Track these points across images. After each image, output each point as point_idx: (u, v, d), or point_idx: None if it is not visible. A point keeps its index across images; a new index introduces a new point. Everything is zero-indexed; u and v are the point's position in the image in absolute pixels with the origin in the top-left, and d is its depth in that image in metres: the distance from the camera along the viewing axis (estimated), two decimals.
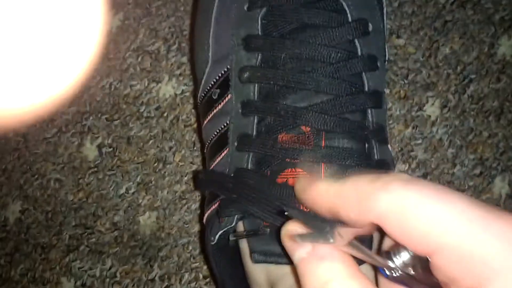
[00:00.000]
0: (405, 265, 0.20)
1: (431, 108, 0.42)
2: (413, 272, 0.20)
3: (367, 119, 0.30)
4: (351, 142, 0.30)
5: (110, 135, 0.42)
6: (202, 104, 0.35)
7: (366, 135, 0.30)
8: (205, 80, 0.34)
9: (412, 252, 0.20)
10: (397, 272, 0.20)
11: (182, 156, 0.42)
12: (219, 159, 0.32)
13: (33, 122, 0.41)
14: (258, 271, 0.30)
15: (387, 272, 0.20)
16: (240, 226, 0.30)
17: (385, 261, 0.20)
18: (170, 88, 0.42)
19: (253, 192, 0.29)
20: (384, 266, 0.20)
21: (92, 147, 0.42)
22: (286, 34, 0.31)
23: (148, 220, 0.42)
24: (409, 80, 0.42)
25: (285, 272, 0.29)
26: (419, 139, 0.42)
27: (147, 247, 0.41)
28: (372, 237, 0.27)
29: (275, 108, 0.30)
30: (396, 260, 0.20)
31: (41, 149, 0.42)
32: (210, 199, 0.32)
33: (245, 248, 0.30)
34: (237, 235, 0.30)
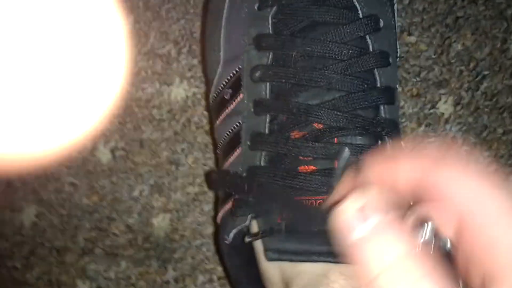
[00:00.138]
0: (427, 243, 0.20)
1: (444, 106, 0.42)
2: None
3: (380, 116, 0.30)
4: (364, 138, 0.29)
5: (123, 138, 0.42)
6: (214, 105, 0.35)
7: (379, 131, 0.30)
8: (217, 81, 0.34)
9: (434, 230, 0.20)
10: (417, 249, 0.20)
11: (195, 158, 0.42)
12: (232, 159, 0.32)
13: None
14: (272, 269, 0.30)
15: None
16: (254, 224, 0.30)
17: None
18: (181, 90, 0.42)
19: (267, 187, 0.29)
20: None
21: (105, 150, 0.42)
22: (297, 32, 0.31)
23: (162, 222, 0.42)
24: (421, 77, 0.42)
25: (299, 270, 0.28)
26: (432, 137, 0.41)
27: (161, 249, 0.41)
28: None
29: (287, 106, 0.30)
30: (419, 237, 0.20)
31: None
32: (223, 198, 0.32)
33: (259, 247, 0.30)
34: (252, 236, 0.30)
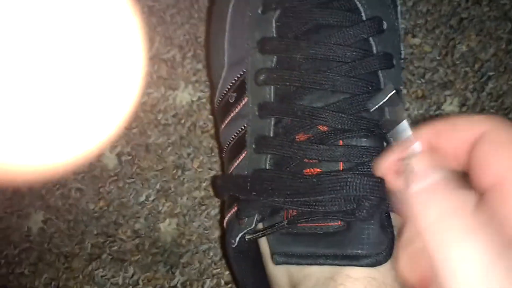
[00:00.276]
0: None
1: (449, 107, 0.42)
2: None
3: (385, 117, 0.30)
4: (369, 140, 0.29)
5: (129, 143, 0.42)
6: (219, 109, 0.35)
7: (384, 133, 0.30)
8: (222, 85, 0.34)
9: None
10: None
11: (201, 162, 0.42)
12: (237, 162, 0.32)
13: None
14: (280, 273, 0.30)
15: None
16: (259, 228, 0.30)
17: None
18: (186, 95, 0.43)
19: (271, 185, 0.29)
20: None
21: (112, 155, 0.42)
22: (300, 35, 0.31)
23: (169, 227, 0.42)
24: (426, 79, 0.42)
25: (306, 273, 0.28)
26: None
27: (168, 254, 0.41)
28: None
29: (292, 109, 0.30)
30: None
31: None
32: (229, 202, 0.32)
33: (266, 250, 0.30)
34: (253, 233, 0.30)
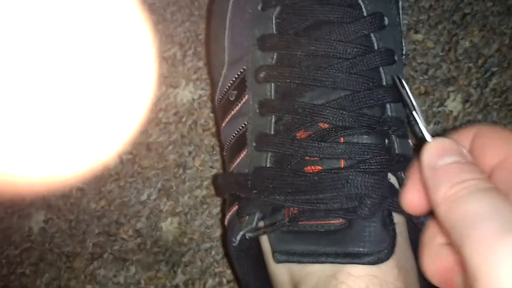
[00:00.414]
0: None
1: (452, 103, 0.41)
2: None
3: (386, 114, 0.30)
4: (371, 137, 0.29)
5: (130, 142, 0.42)
6: (219, 107, 0.35)
7: (386, 130, 0.29)
8: (222, 82, 0.34)
9: None
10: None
11: (202, 161, 0.42)
12: (238, 160, 0.32)
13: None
14: (281, 272, 0.30)
15: None
16: (261, 226, 0.30)
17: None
18: (187, 93, 0.42)
19: (272, 183, 0.29)
20: None
21: (113, 154, 0.42)
22: (301, 31, 0.31)
23: (170, 226, 0.41)
24: (429, 75, 0.41)
25: (308, 272, 0.28)
26: (441, 135, 0.41)
27: (170, 253, 0.41)
28: None
29: (292, 106, 0.30)
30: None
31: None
32: (230, 201, 0.32)
33: (267, 249, 0.30)
34: (253, 231, 0.29)
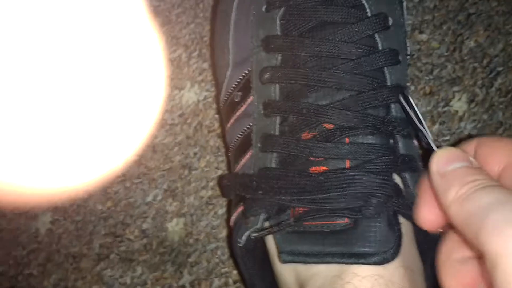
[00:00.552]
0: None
1: (458, 103, 0.41)
2: None
3: (391, 114, 0.30)
4: (375, 137, 0.29)
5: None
6: (224, 108, 0.35)
7: (391, 130, 0.29)
8: (227, 84, 0.34)
9: None
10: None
11: (207, 162, 0.42)
12: (243, 161, 0.32)
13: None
14: (287, 272, 0.30)
15: None
16: (266, 226, 0.30)
17: None
18: (192, 94, 0.43)
19: (278, 184, 0.29)
20: None
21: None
22: (305, 32, 0.31)
23: (176, 226, 0.42)
24: (434, 75, 0.41)
25: (314, 272, 0.28)
26: (447, 135, 0.41)
27: (176, 253, 0.41)
28: None
29: (297, 107, 0.30)
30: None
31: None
32: (236, 201, 0.32)
33: (273, 249, 0.30)
34: (259, 231, 0.30)
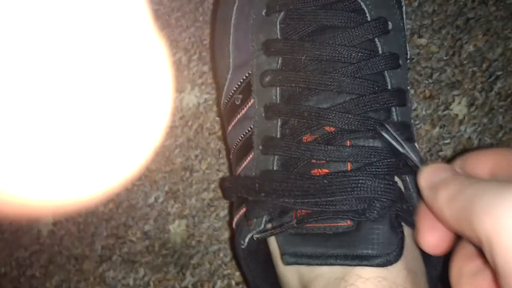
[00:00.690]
0: None
1: (457, 107, 0.41)
2: None
3: (392, 118, 0.30)
4: (377, 140, 0.29)
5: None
6: (225, 111, 0.35)
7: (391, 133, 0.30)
8: (227, 87, 0.34)
9: None
10: None
11: (208, 164, 0.42)
12: (245, 164, 0.32)
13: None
14: (290, 274, 0.30)
15: None
16: (268, 228, 0.30)
17: None
18: (193, 97, 0.43)
19: (281, 186, 0.29)
20: None
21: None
22: (305, 36, 0.31)
23: (178, 228, 0.42)
24: (434, 79, 0.42)
25: (317, 274, 0.28)
26: (447, 139, 0.41)
27: (179, 255, 0.42)
28: None
29: (298, 110, 0.30)
30: None
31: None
32: (238, 203, 0.32)
33: (275, 251, 0.30)
34: (261, 233, 0.30)
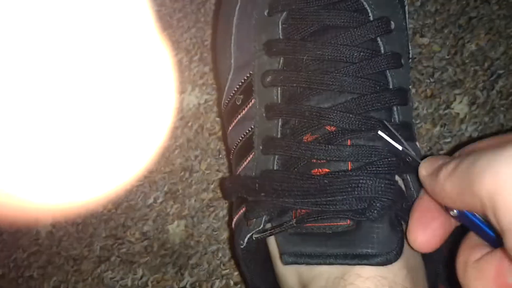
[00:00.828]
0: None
1: (459, 106, 0.41)
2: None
3: (393, 117, 0.30)
4: (378, 140, 0.29)
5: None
6: (226, 111, 0.35)
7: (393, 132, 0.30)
8: (229, 87, 0.34)
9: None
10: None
11: (208, 164, 0.42)
12: (245, 164, 0.32)
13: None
14: (289, 273, 0.30)
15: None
16: (268, 227, 0.30)
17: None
18: (193, 97, 0.43)
19: (281, 186, 0.29)
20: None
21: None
22: (307, 36, 0.31)
23: (177, 228, 0.42)
24: (435, 78, 0.42)
25: (316, 273, 0.28)
26: (448, 138, 0.41)
27: (177, 255, 0.41)
28: None
29: (299, 110, 0.30)
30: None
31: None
32: (237, 203, 0.32)
33: (274, 251, 0.30)
34: (261, 233, 0.30)
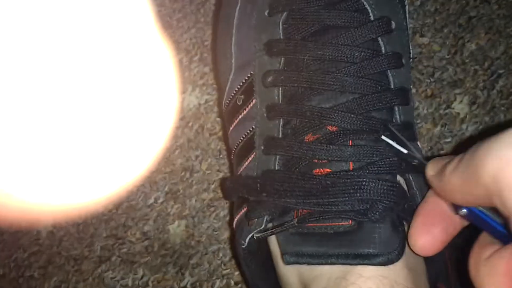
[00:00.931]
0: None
1: (459, 105, 0.41)
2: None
3: (395, 117, 0.30)
4: (379, 140, 0.29)
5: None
6: (227, 111, 0.35)
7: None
8: (229, 87, 0.34)
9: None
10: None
11: (209, 165, 0.42)
12: (246, 164, 0.32)
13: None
14: (290, 273, 0.30)
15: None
16: (269, 227, 0.30)
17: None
18: (194, 98, 0.43)
19: (282, 186, 0.29)
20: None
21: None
22: (308, 36, 0.31)
23: (178, 228, 0.42)
24: (436, 78, 0.42)
25: (318, 273, 0.28)
26: (448, 137, 0.41)
27: (178, 255, 0.41)
28: None
29: (300, 110, 0.30)
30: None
31: None
32: (239, 203, 0.32)
33: (276, 251, 0.30)
34: (262, 232, 0.29)
